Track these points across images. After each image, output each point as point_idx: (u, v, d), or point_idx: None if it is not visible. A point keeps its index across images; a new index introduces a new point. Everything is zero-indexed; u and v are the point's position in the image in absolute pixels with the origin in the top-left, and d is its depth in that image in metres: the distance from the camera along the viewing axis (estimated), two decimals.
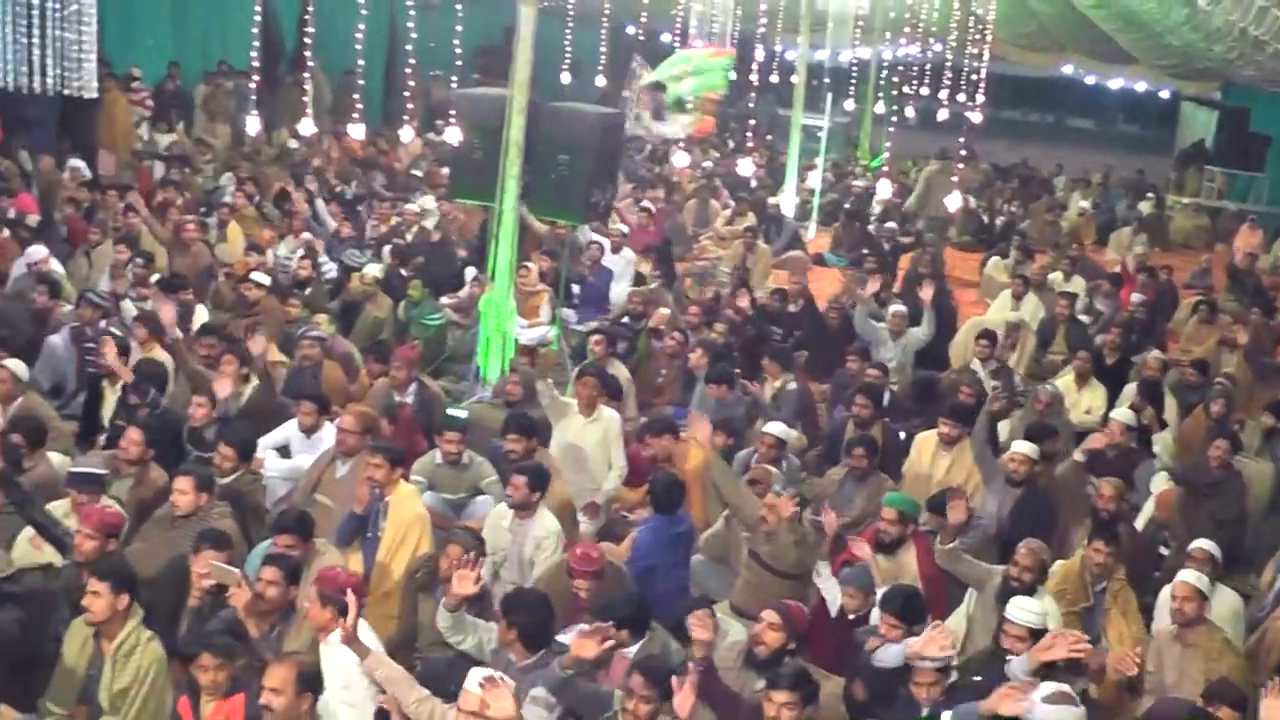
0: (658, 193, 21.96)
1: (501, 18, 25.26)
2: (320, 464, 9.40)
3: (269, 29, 19.13)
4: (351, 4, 22.03)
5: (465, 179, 12.51)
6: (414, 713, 6.31)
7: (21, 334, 11.83)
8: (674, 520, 8.93)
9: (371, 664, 6.44)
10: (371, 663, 6.45)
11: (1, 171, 18.03)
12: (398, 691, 6.36)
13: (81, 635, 6.96)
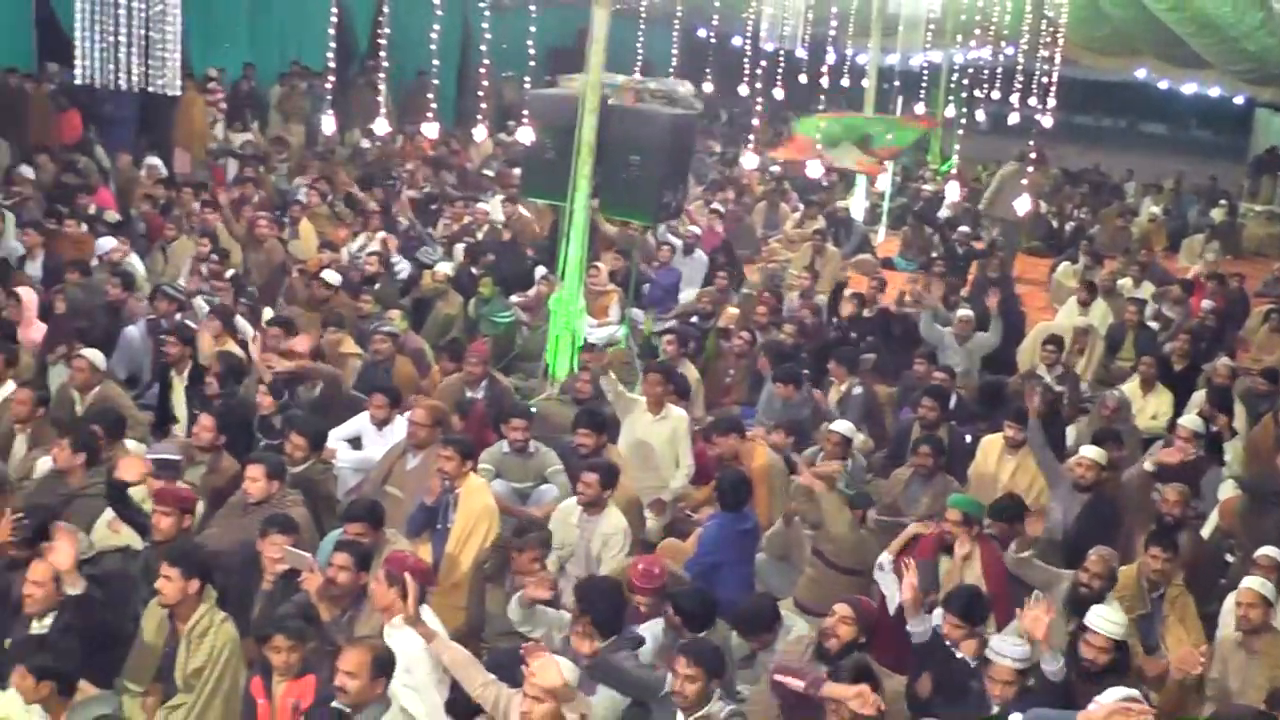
0: (727, 195, 22.03)
1: (574, 19, 25.35)
2: (391, 456, 9.57)
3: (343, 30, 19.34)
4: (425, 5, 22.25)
5: (537, 178, 12.62)
6: (480, 696, 6.45)
7: (98, 325, 12.09)
8: (740, 517, 9.00)
9: (438, 647, 6.57)
10: (438, 646, 6.58)
11: (80, 168, 18.38)
12: (464, 675, 6.49)
13: (158, 616, 7.16)
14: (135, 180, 18.74)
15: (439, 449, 8.85)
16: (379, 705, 6.28)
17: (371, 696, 6.24)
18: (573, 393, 11.33)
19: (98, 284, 13.20)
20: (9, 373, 10.38)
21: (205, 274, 13.78)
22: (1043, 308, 18.38)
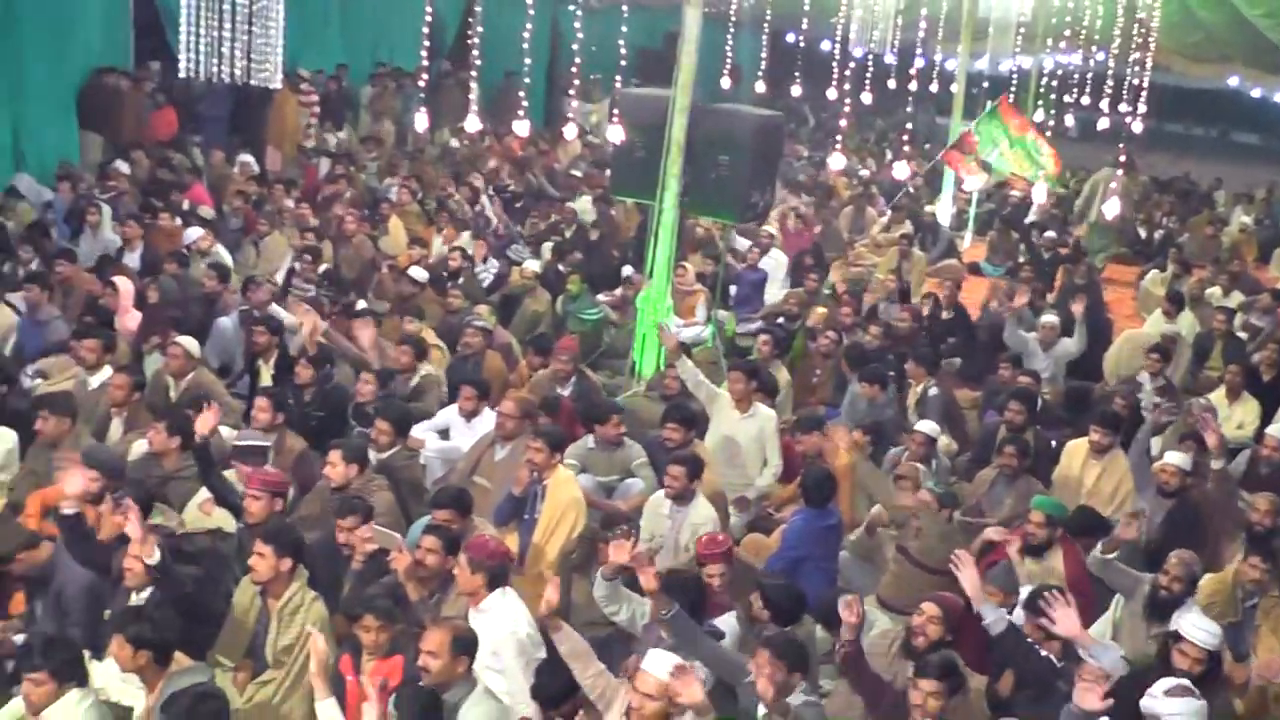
0: (814, 199, 22.05)
1: (663, 22, 25.52)
2: (479, 447, 9.70)
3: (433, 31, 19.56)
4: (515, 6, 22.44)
5: (626, 177, 12.66)
6: (590, 685, 6.54)
7: (192, 315, 12.36)
8: (824, 513, 9.06)
9: (560, 637, 6.66)
10: (560, 636, 6.66)
11: (174, 165, 18.71)
12: (578, 664, 6.58)
13: (250, 593, 7.34)
14: (228, 177, 19.07)
15: (528, 440, 8.95)
16: (465, 685, 6.39)
17: (455, 676, 6.36)
18: (660, 389, 11.41)
19: (192, 276, 13.49)
20: (106, 358, 10.62)
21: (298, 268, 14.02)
22: (1130, 315, 18.25)
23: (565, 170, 23.16)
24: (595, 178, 20.77)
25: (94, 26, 19.37)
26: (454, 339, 12.29)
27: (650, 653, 6.35)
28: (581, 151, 24.57)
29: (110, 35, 19.80)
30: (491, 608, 7.13)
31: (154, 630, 6.44)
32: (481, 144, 23.34)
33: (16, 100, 17.90)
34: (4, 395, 9.97)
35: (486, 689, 6.55)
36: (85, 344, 10.59)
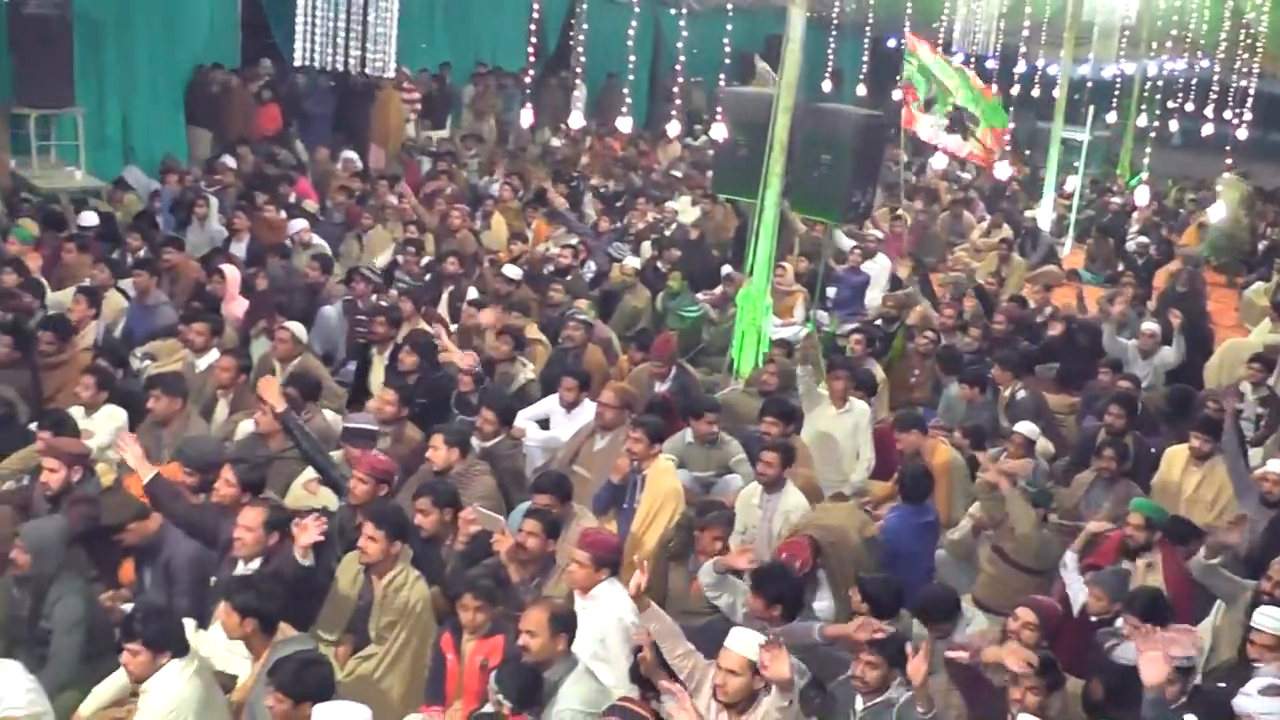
0: (913, 203, 21.99)
1: (764, 26, 25.51)
2: (580, 437, 9.82)
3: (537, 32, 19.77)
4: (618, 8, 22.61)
5: (729, 175, 12.71)
6: (678, 665, 6.60)
7: (297, 304, 12.58)
8: (921, 510, 9.09)
9: (649, 615, 6.72)
10: (649, 615, 6.73)
11: (279, 160, 19.04)
12: (667, 644, 6.65)
13: (353, 571, 7.49)
14: (331, 173, 19.39)
15: (629, 430, 9.06)
16: (565, 663, 6.48)
17: (555, 654, 6.46)
18: (758, 385, 11.43)
19: (297, 266, 13.72)
20: (214, 342, 10.87)
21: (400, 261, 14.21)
22: (1232, 325, 18.04)
23: (665, 171, 23.24)
24: (695, 178, 20.80)
25: (202, 25, 19.86)
26: (555, 333, 12.43)
27: (735, 630, 6.45)
28: (681, 152, 24.63)
29: (218, 34, 20.25)
30: (600, 595, 7.24)
31: (260, 599, 6.57)
32: (583, 143, 23.49)
33: (127, 96, 18.39)
34: (115, 376, 10.18)
35: (586, 668, 6.64)
36: (194, 327, 10.86)
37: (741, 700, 6.29)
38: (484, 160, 21.75)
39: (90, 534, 7.77)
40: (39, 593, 7.05)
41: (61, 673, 6.91)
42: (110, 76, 18.16)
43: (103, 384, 9.71)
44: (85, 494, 8.01)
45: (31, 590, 7.05)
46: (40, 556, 7.09)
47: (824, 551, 8.39)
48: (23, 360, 10.54)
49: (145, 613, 6.36)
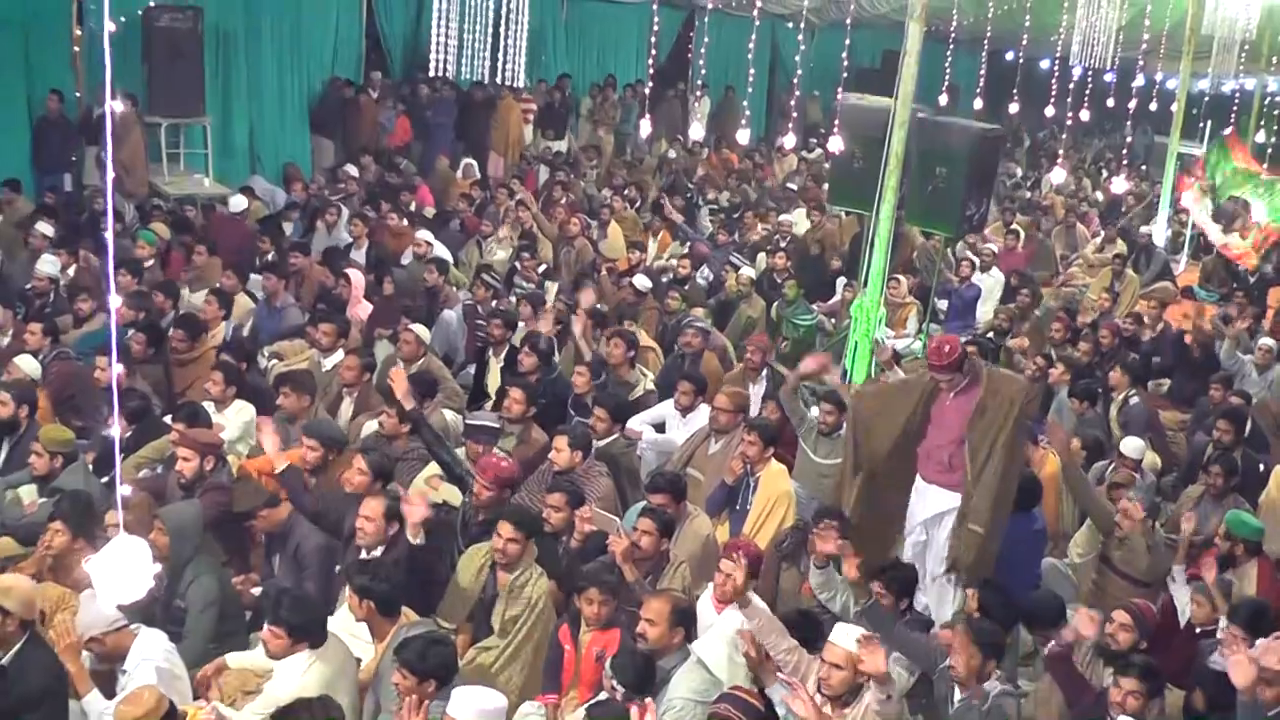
0: (1026, 217, 21.94)
1: (881, 41, 25.58)
2: (695, 440, 9.97)
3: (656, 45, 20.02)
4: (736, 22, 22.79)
5: (845, 187, 12.75)
6: (783, 660, 6.77)
7: (419, 307, 12.89)
8: (1029, 518, 9.09)
9: (750, 612, 6.90)
10: (750, 611, 6.90)
11: (401, 168, 19.46)
12: (770, 639, 6.82)
13: (477, 563, 7.74)
14: (451, 181, 19.75)
15: (743, 433, 9.23)
16: (679, 654, 6.71)
17: (671, 645, 6.70)
18: None
19: (417, 271, 14.06)
20: (340, 342, 11.24)
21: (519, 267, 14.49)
22: None
23: (781, 184, 23.37)
24: (810, 191, 20.92)
25: (328, 39, 20.39)
26: (671, 341, 12.62)
27: (839, 625, 6.63)
28: (797, 165, 24.75)
29: (342, 47, 20.73)
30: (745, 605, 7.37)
31: (378, 583, 6.90)
32: (700, 155, 23.69)
33: (254, 106, 18.91)
34: (243, 373, 10.55)
35: (699, 660, 6.83)
36: (322, 328, 11.25)
37: (845, 693, 6.48)
38: (601, 170, 22.05)
39: (222, 520, 8.12)
40: (175, 573, 7.39)
41: (194, 648, 7.24)
42: (238, 87, 18.77)
43: (232, 380, 10.09)
44: (217, 483, 8.36)
45: (168, 571, 7.35)
46: (177, 539, 7.42)
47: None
48: (156, 357, 11.01)
49: (292, 600, 6.64)
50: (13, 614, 6.36)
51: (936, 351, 8.28)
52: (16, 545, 8.19)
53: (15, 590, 6.44)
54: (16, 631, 6.40)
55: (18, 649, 6.39)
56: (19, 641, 6.41)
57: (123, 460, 8.93)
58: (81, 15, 16.98)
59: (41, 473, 8.83)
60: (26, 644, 6.43)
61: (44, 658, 6.45)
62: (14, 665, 6.36)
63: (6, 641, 6.39)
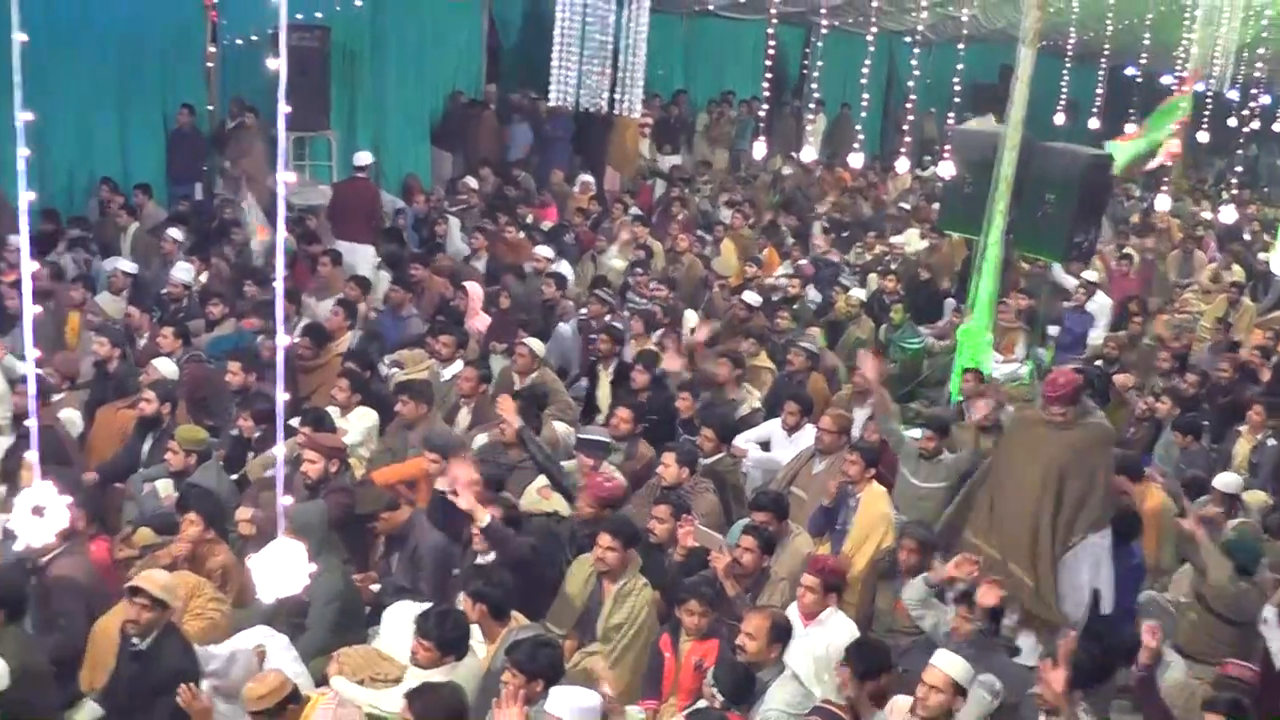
0: (1143, 241, 21.79)
1: (998, 56, 25.52)
2: (799, 460, 10.21)
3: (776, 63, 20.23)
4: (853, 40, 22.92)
5: (954, 211, 12.85)
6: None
7: (534, 320, 13.24)
8: (1128, 551, 9.10)
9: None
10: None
11: (519, 182, 19.85)
12: None
13: (584, 573, 8.07)
14: (568, 195, 20.11)
15: (845, 454, 9.46)
16: (775, 668, 6.98)
17: (768, 659, 6.98)
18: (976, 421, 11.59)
19: (535, 285, 14.42)
20: (459, 353, 11.65)
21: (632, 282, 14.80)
22: None
23: (894, 203, 23.46)
24: (924, 210, 21.03)
25: (451, 54, 20.90)
26: (781, 360, 12.81)
27: (941, 650, 6.83)
28: (911, 185, 24.82)
29: (465, 62, 21.23)
30: (827, 620, 7.65)
31: (491, 587, 7.28)
32: (814, 173, 23.85)
33: (378, 120, 19.40)
34: (368, 380, 10.96)
35: (793, 674, 7.07)
36: (441, 339, 11.67)
37: (939, 716, 6.65)
38: (715, 187, 22.29)
39: (344, 520, 8.51)
40: None
41: (316, 640, 7.67)
42: (362, 102, 19.26)
43: (356, 387, 10.54)
44: (341, 485, 8.77)
45: None
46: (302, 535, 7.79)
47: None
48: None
49: (444, 617, 6.98)
50: (156, 602, 6.82)
51: (1053, 383, 8.41)
52: (154, 535, 8.69)
53: (161, 581, 6.95)
54: (156, 619, 6.87)
55: (155, 636, 6.88)
56: (157, 629, 6.88)
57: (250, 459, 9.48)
58: (215, 33, 17.59)
59: (177, 469, 9.34)
60: (164, 631, 6.91)
61: (179, 644, 6.95)
62: (152, 650, 6.88)
63: (147, 629, 6.87)
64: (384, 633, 7.74)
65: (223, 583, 8.07)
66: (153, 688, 6.77)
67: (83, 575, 7.77)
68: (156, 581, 6.94)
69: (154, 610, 6.85)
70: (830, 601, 7.67)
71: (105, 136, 16.70)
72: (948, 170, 12.70)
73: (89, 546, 8.19)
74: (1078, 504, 8.51)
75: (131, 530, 8.86)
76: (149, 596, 6.83)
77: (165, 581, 6.96)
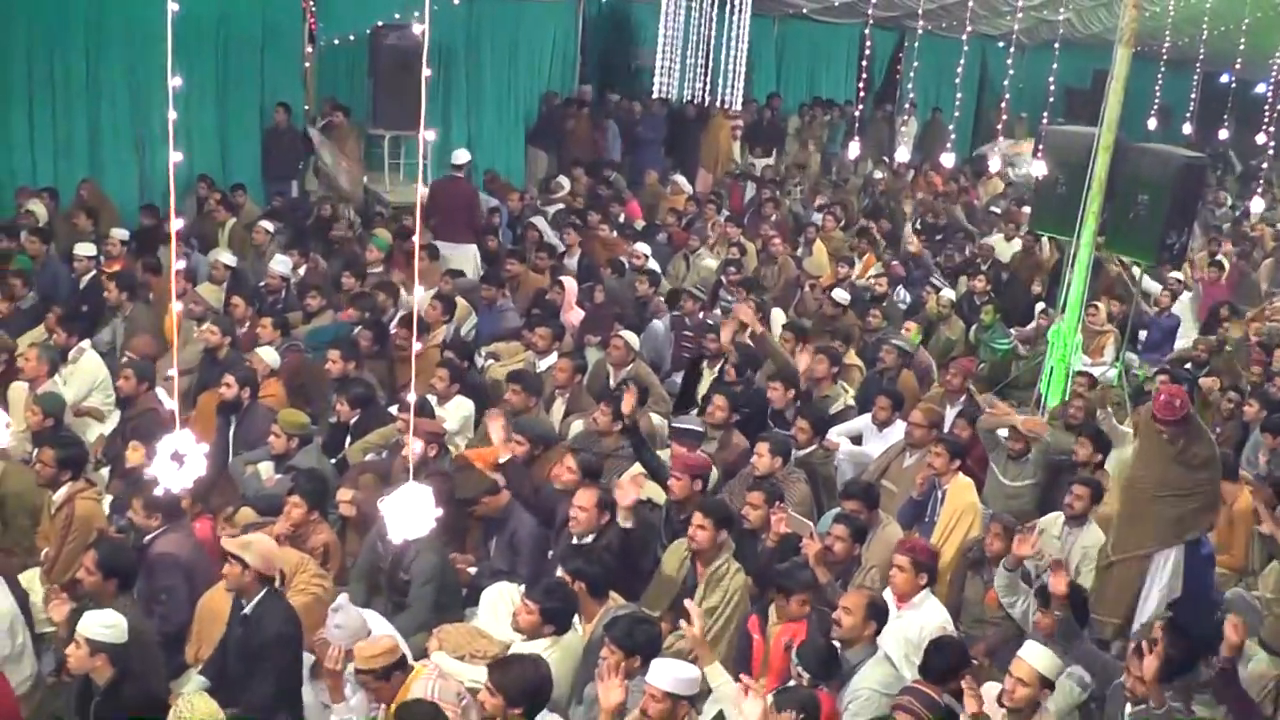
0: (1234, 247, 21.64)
1: (1091, 61, 25.45)
2: (890, 454, 10.34)
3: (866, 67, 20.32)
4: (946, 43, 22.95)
5: (1047, 212, 12.86)
6: None
7: (628, 316, 13.42)
8: (1199, 543, 8.88)
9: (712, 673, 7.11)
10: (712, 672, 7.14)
11: (612, 181, 20.07)
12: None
13: (679, 557, 8.24)
14: (660, 195, 20.32)
15: (932, 446, 9.57)
16: (867, 648, 7.09)
17: (861, 637, 7.10)
18: (1064, 419, 11.61)
19: (628, 281, 14.63)
20: (555, 345, 11.87)
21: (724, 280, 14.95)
22: None
23: (985, 206, 23.45)
24: (1015, 214, 21.02)
25: (545, 55, 21.24)
26: (871, 358, 12.94)
27: (1030, 643, 6.92)
28: (1003, 189, 24.80)
29: (558, 62, 21.49)
30: (920, 603, 7.83)
31: (590, 565, 7.52)
32: (906, 177, 23.90)
33: (473, 119, 19.72)
34: (465, 371, 11.23)
35: (886, 655, 7.20)
36: (538, 332, 11.90)
37: (1026, 709, 6.74)
38: (807, 189, 22.41)
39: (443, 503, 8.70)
40: (401, 548, 8.00)
41: (416, 618, 7.92)
42: (458, 101, 19.66)
43: (455, 377, 10.81)
44: (440, 469, 8.97)
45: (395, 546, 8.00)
46: None
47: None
48: (380, 353, 11.72)
49: (554, 585, 7.32)
50: (251, 567, 7.10)
51: (1167, 406, 8.30)
52: (256, 515, 8.98)
53: (255, 546, 7.22)
54: (255, 584, 7.17)
55: (258, 599, 7.17)
56: (259, 594, 7.17)
57: (350, 445, 9.75)
58: (313, 34, 18.00)
59: (279, 452, 9.63)
60: (266, 596, 7.19)
61: (282, 609, 7.23)
62: (255, 614, 7.16)
63: (248, 592, 7.18)
64: (482, 612, 7.97)
65: (324, 560, 8.35)
66: (257, 649, 7.06)
67: (184, 552, 8.02)
68: (242, 542, 7.24)
69: (246, 574, 7.11)
70: (922, 582, 7.81)
71: (204, 134, 17.13)
72: (1040, 171, 12.71)
73: (193, 525, 8.46)
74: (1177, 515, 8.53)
75: (234, 511, 9.14)
76: (237, 559, 7.10)
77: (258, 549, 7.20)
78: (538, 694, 6.25)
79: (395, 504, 4.79)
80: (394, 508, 4.79)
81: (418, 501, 4.78)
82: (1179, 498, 8.47)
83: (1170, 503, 8.47)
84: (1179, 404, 8.31)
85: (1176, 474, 8.46)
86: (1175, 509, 8.48)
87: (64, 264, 13.70)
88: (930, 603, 7.85)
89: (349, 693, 6.91)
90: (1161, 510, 8.49)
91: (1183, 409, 8.30)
